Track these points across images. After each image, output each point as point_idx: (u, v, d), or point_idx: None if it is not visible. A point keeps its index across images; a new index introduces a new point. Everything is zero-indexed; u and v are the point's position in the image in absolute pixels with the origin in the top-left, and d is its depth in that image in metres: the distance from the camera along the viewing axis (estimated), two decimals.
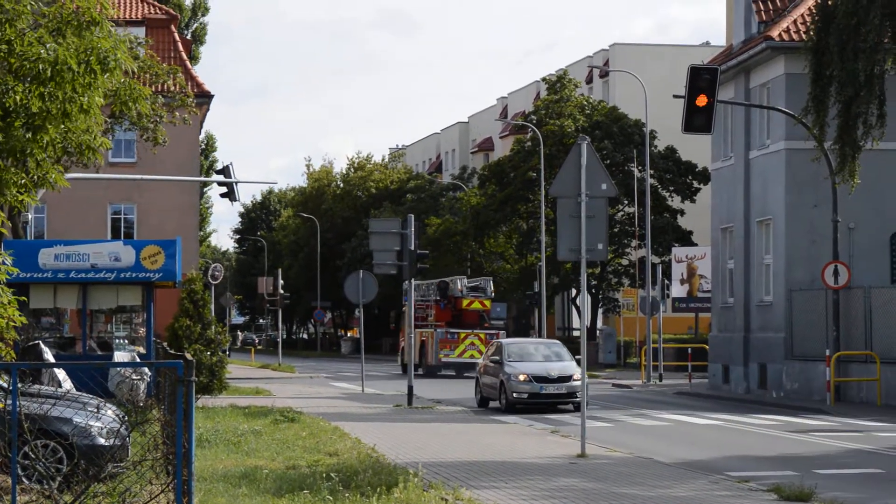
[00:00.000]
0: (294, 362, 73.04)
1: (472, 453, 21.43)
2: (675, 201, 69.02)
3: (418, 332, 54.97)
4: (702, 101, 29.88)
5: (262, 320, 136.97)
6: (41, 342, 26.84)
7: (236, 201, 42.24)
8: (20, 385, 12.70)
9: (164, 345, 27.55)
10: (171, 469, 12.55)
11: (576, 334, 73.59)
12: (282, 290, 69.68)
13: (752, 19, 42.42)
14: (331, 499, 15.10)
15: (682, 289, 59.97)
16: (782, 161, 39.53)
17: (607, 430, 26.99)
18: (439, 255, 76.17)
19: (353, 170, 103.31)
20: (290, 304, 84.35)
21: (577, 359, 44.12)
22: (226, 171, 41.35)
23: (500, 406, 32.86)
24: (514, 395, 32.28)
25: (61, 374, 23.35)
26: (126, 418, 15.79)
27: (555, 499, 16.04)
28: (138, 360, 29.93)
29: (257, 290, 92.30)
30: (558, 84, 71.22)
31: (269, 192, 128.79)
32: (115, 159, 50.25)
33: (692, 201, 68.34)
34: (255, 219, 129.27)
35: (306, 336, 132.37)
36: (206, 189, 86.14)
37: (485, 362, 35.05)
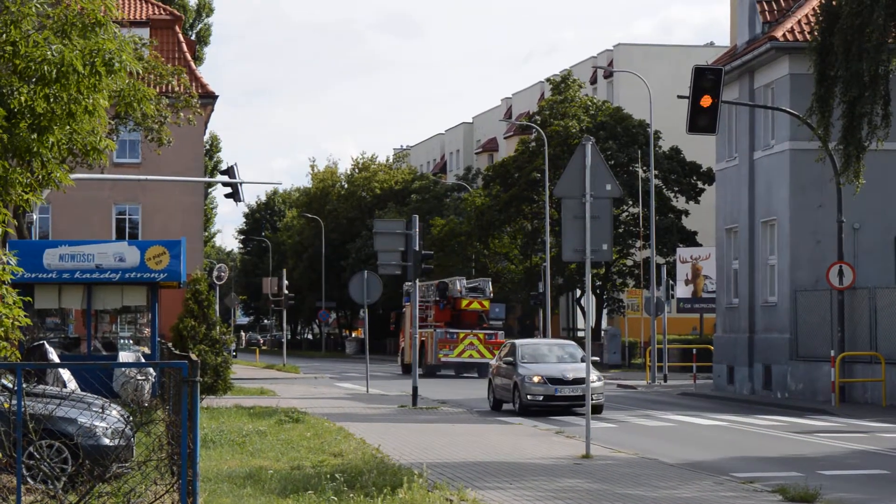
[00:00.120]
0: (299, 363, 73.03)
1: (477, 454, 21.43)
2: (680, 202, 68.99)
3: (418, 332, 55.17)
4: (706, 101, 29.85)
5: (266, 321, 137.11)
6: (46, 342, 26.90)
7: (241, 202, 42.33)
8: (25, 385, 12.70)
9: (169, 345, 27.51)
10: (175, 469, 12.57)
11: (580, 335, 73.52)
12: (286, 291, 69.62)
13: (756, 19, 42.38)
14: (335, 499, 15.10)
15: (687, 289, 59.94)
16: (787, 161, 39.49)
17: (612, 431, 26.98)
18: (444, 255, 76.17)
19: (357, 170, 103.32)
20: (295, 304, 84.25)
21: (593, 360, 44.14)
22: (230, 171, 41.41)
23: (513, 409, 32.01)
24: (529, 397, 31.38)
25: (66, 374, 23.38)
26: (131, 418, 15.79)
27: (559, 500, 16.03)
28: (143, 360, 29.95)
29: (262, 291, 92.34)
30: (562, 85, 71.20)
31: (274, 193, 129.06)
32: (120, 160, 50.33)
33: (696, 202, 68.31)
34: (260, 219, 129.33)
35: (311, 336, 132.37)
36: (210, 189, 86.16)
37: (497, 363, 33.99)
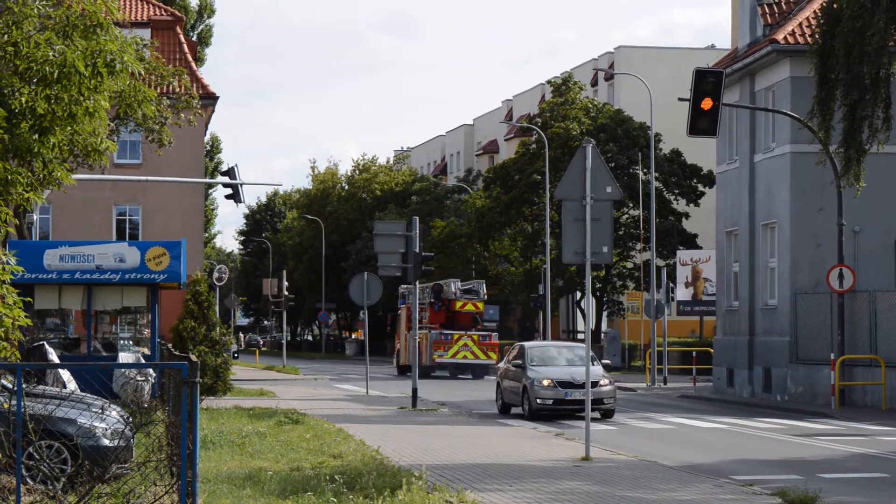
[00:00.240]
0: (298, 364, 73.04)
1: (477, 456, 21.43)
2: (680, 204, 68.98)
3: (412, 333, 55.75)
4: (707, 104, 29.86)
5: (266, 322, 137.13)
6: (46, 343, 26.91)
7: (241, 203, 42.32)
8: (25, 386, 12.71)
9: (169, 346, 27.53)
10: (175, 470, 12.56)
11: (580, 337, 73.53)
12: (286, 292, 69.66)
13: (757, 22, 42.38)
14: (335, 501, 15.10)
15: (687, 292, 59.93)
16: (787, 164, 39.49)
17: (612, 434, 26.99)
18: (444, 257, 76.16)
19: (357, 172, 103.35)
20: (295, 305, 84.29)
21: (604, 363, 43.98)
22: (231, 172, 41.39)
23: (522, 413, 31.37)
24: (538, 401, 30.76)
25: (66, 374, 23.38)
26: (130, 419, 15.79)
27: (559, 502, 16.03)
28: (143, 361, 29.95)
29: (262, 292, 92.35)
30: (563, 87, 71.21)
31: (274, 194, 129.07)
32: (121, 160, 50.32)
33: (697, 205, 68.28)
34: (260, 220, 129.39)
35: (311, 338, 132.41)
36: (211, 190, 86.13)
37: (506, 366, 33.46)
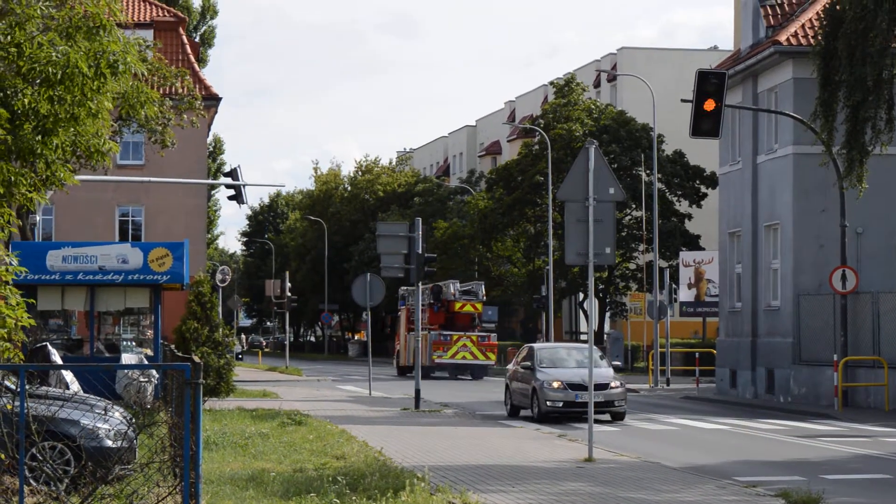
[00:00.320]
0: (301, 365, 73.04)
1: (480, 457, 21.43)
2: (683, 206, 68.96)
3: (413, 334, 56.07)
4: (709, 105, 29.86)
5: (269, 323, 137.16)
6: (49, 344, 26.90)
7: (244, 204, 42.31)
8: (28, 387, 12.71)
9: (172, 347, 27.55)
10: (178, 471, 12.57)
11: (583, 339, 73.52)
12: (289, 293, 69.68)
13: (759, 23, 42.37)
14: (338, 502, 15.10)
15: (690, 293, 59.93)
16: (790, 166, 39.48)
17: (614, 435, 26.98)
18: (447, 258, 76.18)
19: (360, 173, 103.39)
20: (298, 306, 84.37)
21: (614, 365, 43.92)
22: (234, 173, 41.40)
23: (532, 415, 31.09)
24: (548, 403, 30.47)
25: (69, 375, 23.36)
26: (133, 420, 15.79)
27: (562, 503, 16.03)
28: (146, 362, 29.96)
29: (265, 293, 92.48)
30: (566, 88, 71.22)
31: (277, 195, 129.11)
32: (123, 161, 50.32)
33: (699, 206, 68.28)
34: (263, 221, 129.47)
35: (313, 339, 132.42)
36: (213, 192, 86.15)
37: (514, 368, 33.10)
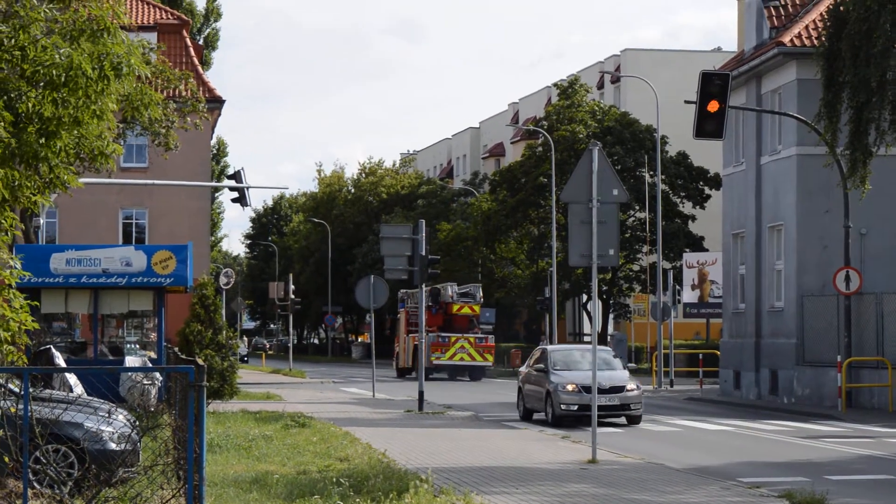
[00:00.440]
0: (305, 367, 73.06)
1: (483, 459, 21.42)
2: (687, 207, 68.95)
3: (412, 336, 58.24)
4: (713, 106, 29.85)
5: (272, 325, 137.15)
6: (52, 347, 26.94)
7: (247, 206, 42.33)
8: (32, 390, 12.72)
9: (176, 350, 27.56)
10: (182, 474, 12.58)
11: (587, 340, 73.50)
12: (293, 295, 69.68)
13: (763, 24, 42.37)
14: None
15: (693, 294, 59.92)
16: (794, 167, 39.46)
17: (618, 436, 26.97)
18: (450, 260, 76.17)
19: (364, 175, 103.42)
20: (301, 309, 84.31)
21: (631, 367, 44.03)
22: (237, 176, 41.44)
23: (545, 419, 30.46)
24: (563, 406, 29.71)
25: (72, 378, 23.39)
26: (137, 423, 15.81)
27: None
28: (149, 364, 29.97)
29: (268, 295, 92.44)
30: (569, 89, 71.21)
31: (281, 197, 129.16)
32: (127, 164, 50.34)
33: (703, 207, 68.26)
34: (267, 224, 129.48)
35: (317, 341, 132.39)
36: (217, 194, 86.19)
37: (527, 370, 32.48)
